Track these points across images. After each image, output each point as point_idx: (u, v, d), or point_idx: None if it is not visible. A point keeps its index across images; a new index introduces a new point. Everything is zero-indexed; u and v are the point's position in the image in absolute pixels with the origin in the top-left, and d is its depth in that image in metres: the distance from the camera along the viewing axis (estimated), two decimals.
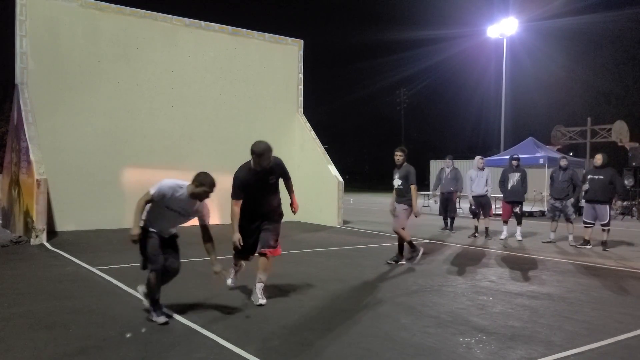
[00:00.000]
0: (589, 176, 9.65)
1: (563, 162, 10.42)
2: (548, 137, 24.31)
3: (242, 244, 5.10)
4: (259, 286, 5.24)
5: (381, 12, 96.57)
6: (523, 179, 10.59)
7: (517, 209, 10.64)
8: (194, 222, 4.66)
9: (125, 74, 12.20)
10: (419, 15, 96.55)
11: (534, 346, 4.06)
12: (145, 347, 3.88)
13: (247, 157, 5.15)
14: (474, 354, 3.87)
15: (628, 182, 17.74)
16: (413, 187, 7.50)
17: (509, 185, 10.59)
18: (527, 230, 12.17)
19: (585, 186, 9.59)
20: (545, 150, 19.38)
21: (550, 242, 10.32)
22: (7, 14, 12.23)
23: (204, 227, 4.64)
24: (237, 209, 5.11)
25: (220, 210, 12.72)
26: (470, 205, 11.13)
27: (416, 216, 7.73)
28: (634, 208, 17.72)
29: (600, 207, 9.48)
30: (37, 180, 9.36)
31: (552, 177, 10.52)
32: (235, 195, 5.15)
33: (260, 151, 5.00)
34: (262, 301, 5.13)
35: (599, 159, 9.63)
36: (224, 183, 5.23)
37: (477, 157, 11.40)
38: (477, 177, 11.02)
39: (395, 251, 7.88)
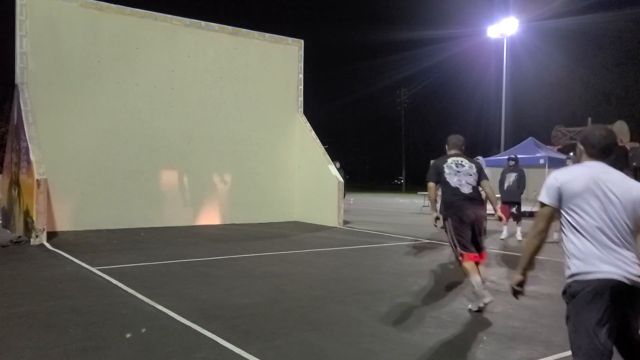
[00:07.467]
0: None
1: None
2: (548, 137, 24.33)
3: None
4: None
5: (381, 12, 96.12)
6: (519, 179, 10.56)
7: (513, 209, 10.63)
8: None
9: (125, 74, 12.19)
10: (419, 15, 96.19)
11: (534, 346, 4.06)
12: (145, 347, 3.88)
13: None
14: (474, 354, 3.87)
15: None
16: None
17: (505, 186, 10.61)
18: (528, 230, 12.14)
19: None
20: (545, 150, 19.37)
21: (553, 242, 10.30)
22: (7, 14, 12.23)
23: None
24: None
25: (221, 210, 12.73)
26: None
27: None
28: None
29: None
30: (37, 180, 9.35)
31: None
32: None
33: None
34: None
35: None
36: (224, 183, 5.23)
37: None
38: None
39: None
